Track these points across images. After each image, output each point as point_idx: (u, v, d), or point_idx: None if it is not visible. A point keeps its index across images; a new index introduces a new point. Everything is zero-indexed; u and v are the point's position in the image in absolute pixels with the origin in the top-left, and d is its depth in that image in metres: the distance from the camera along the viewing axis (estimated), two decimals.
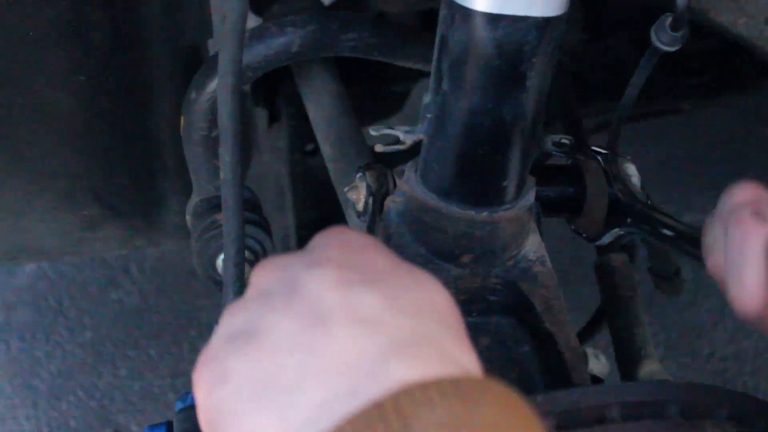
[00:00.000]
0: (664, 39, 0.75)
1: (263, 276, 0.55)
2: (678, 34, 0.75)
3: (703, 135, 2.30)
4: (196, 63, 1.00)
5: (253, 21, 0.98)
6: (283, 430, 0.44)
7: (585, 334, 1.15)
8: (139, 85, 1.04)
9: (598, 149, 0.89)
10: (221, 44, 0.74)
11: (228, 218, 0.80)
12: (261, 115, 1.39)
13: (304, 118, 1.14)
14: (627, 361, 0.96)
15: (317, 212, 1.22)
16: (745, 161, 2.26)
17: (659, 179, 2.21)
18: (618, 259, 1.03)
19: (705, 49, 1.44)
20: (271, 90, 1.34)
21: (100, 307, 1.91)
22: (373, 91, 1.31)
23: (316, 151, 1.22)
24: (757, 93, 1.49)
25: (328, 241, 0.56)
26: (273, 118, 1.36)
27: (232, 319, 0.53)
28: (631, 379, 0.94)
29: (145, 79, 1.04)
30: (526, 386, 0.79)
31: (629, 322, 0.98)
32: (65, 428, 1.75)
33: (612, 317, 1.00)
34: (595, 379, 0.83)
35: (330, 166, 1.04)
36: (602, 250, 1.05)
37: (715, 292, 2.03)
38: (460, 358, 0.47)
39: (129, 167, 1.11)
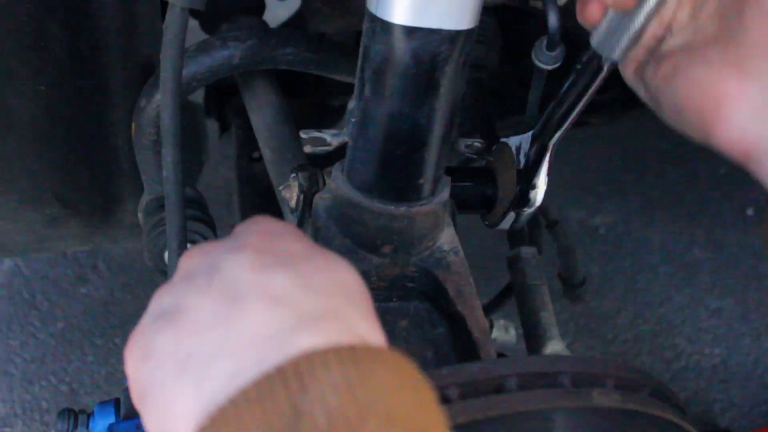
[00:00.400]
0: (542, 59, 0.76)
1: (189, 260, 0.54)
2: (553, 54, 0.75)
3: (610, 147, 2.33)
4: (148, 73, 0.97)
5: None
6: (198, 398, 0.42)
7: (494, 304, 1.16)
8: (96, 94, 1.01)
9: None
10: (163, 52, 0.72)
11: (170, 212, 0.78)
12: (213, 125, 1.37)
13: (251, 128, 1.12)
14: (534, 342, 0.96)
15: (261, 212, 1.19)
16: (646, 170, 2.29)
17: (574, 186, 2.22)
18: (527, 251, 1.02)
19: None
20: (222, 103, 1.32)
21: (71, 300, 1.86)
22: (312, 105, 1.29)
23: (261, 158, 1.20)
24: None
25: (249, 228, 0.55)
26: (223, 129, 1.34)
27: (160, 299, 0.52)
28: None
29: (102, 88, 1.01)
30: (441, 362, 0.77)
31: (536, 308, 0.97)
32: (38, 410, 1.70)
33: (521, 303, 0.99)
34: (501, 356, 0.82)
35: (270, 168, 1.02)
36: (513, 244, 1.04)
37: (617, 284, 2.05)
38: (364, 331, 0.46)
39: (88, 169, 1.07)
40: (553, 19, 0.74)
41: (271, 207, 1.09)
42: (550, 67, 0.78)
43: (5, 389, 1.72)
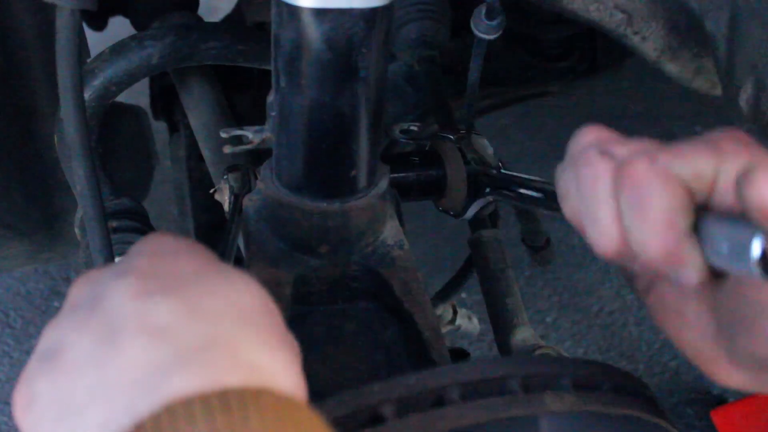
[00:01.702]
0: (481, 28, 0.69)
1: (76, 290, 0.48)
2: (493, 23, 0.68)
3: (584, 113, 2.25)
4: None
5: None
6: None
7: (453, 284, 1.08)
8: (22, 111, 0.95)
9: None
10: (58, 59, 0.65)
11: (91, 229, 0.71)
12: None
13: None
14: (501, 330, 0.89)
15: (214, 214, 1.13)
16: (621, 133, 2.21)
17: (549, 156, 2.15)
18: (489, 234, 0.95)
19: (565, 36, 1.37)
20: (169, 104, 1.25)
21: (44, 315, 1.78)
22: (259, 99, 1.22)
23: None
24: (616, 73, 1.43)
25: (140, 248, 0.48)
26: (173, 130, 1.27)
27: (45, 337, 0.46)
28: (506, 347, 0.87)
29: (28, 104, 0.95)
30: (393, 366, 0.71)
31: (501, 293, 0.90)
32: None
33: (485, 291, 0.92)
34: (459, 353, 0.75)
35: (211, 170, 0.95)
36: (474, 227, 0.97)
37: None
38: (259, 358, 0.40)
39: (24, 188, 1.01)
40: None
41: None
42: (490, 37, 0.72)
43: None
